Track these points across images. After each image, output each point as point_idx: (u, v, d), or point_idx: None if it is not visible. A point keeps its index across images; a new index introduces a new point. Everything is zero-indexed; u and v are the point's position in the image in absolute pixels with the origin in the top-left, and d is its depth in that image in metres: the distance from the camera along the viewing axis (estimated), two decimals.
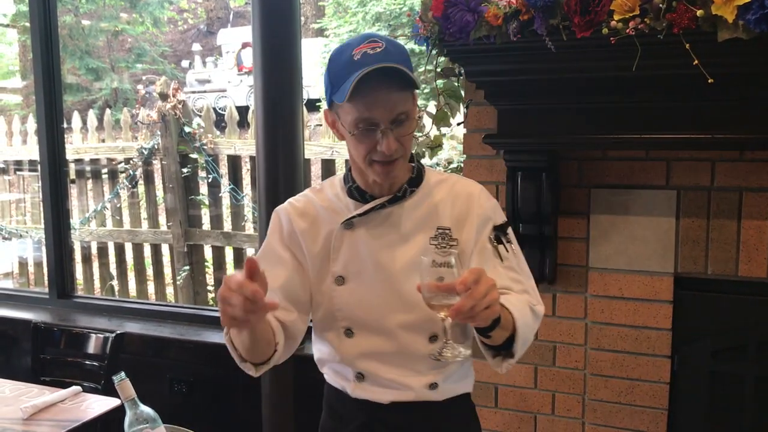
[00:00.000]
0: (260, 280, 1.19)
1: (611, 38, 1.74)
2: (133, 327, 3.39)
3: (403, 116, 1.36)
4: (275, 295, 1.50)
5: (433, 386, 1.51)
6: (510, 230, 1.53)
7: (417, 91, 1.41)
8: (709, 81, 1.68)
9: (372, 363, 1.50)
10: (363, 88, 1.30)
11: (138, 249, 5.27)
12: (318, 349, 1.59)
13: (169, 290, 5.27)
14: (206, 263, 5.13)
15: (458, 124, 2.32)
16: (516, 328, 1.35)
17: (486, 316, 1.22)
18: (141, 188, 5.27)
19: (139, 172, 5.20)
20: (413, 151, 1.53)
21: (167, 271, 5.24)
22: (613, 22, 1.74)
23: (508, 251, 1.49)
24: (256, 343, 1.38)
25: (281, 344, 1.44)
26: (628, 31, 1.72)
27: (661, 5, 1.70)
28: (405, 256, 1.46)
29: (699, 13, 1.66)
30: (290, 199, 1.58)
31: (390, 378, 1.50)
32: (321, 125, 4.57)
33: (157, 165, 5.16)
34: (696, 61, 1.68)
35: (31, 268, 5.92)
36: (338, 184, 1.55)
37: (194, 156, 4.91)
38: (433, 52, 2.08)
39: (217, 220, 5.04)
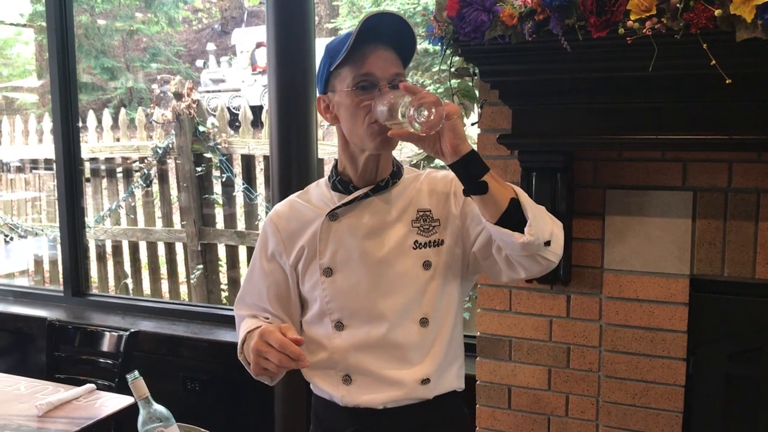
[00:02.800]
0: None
1: (627, 38, 1.72)
2: (147, 325, 3.41)
3: (398, 81, 1.41)
4: (270, 307, 1.60)
5: (425, 382, 1.51)
6: None
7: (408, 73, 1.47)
8: (727, 81, 1.66)
9: (363, 356, 1.50)
10: (361, 47, 1.39)
11: (152, 247, 5.30)
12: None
13: (183, 289, 5.29)
14: (220, 262, 5.14)
15: (472, 125, 2.31)
16: (516, 192, 1.34)
17: (441, 111, 1.24)
18: (155, 187, 5.29)
19: (153, 171, 5.22)
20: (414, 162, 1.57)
21: (181, 269, 5.27)
22: (630, 22, 1.72)
23: None
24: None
25: None
26: (644, 30, 1.71)
27: (678, 5, 1.68)
28: (390, 241, 1.49)
29: (717, 12, 1.65)
30: (276, 206, 1.63)
31: (381, 373, 1.50)
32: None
33: (171, 164, 5.18)
34: (713, 62, 1.67)
35: (46, 266, 5.95)
36: (323, 183, 1.60)
37: (208, 155, 4.92)
38: (448, 51, 2.07)
39: (230, 219, 5.06)
